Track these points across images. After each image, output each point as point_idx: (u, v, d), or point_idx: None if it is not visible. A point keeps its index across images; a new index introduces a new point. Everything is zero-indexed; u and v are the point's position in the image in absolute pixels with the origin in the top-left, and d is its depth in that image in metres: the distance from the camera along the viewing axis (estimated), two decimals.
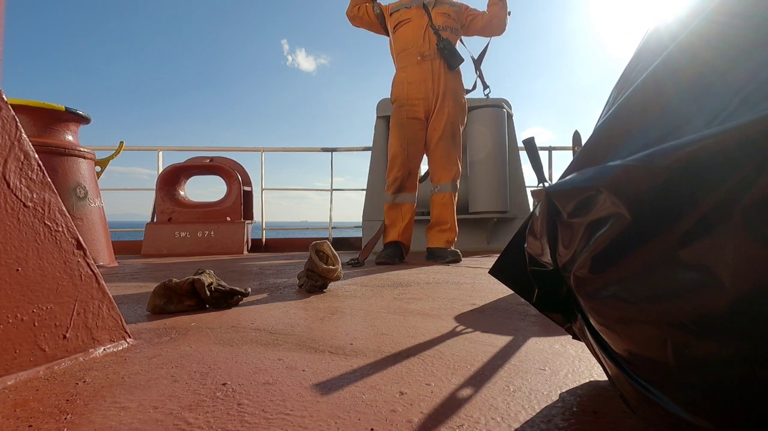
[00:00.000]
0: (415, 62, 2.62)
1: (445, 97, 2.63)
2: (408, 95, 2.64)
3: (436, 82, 2.62)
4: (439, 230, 2.70)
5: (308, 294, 1.46)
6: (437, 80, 2.62)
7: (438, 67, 2.61)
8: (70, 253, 0.78)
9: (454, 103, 2.65)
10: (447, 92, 2.63)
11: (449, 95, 2.64)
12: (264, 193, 4.61)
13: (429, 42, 2.60)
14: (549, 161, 4.66)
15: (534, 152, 0.56)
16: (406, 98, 2.64)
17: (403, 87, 2.65)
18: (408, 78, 2.64)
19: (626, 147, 0.36)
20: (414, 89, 2.63)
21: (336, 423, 0.51)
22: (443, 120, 2.62)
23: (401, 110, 2.66)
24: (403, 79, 2.66)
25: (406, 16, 2.67)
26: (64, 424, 0.51)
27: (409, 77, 2.64)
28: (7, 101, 0.72)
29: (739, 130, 0.24)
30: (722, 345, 0.26)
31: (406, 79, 2.65)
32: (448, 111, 2.63)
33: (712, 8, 0.33)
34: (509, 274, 0.64)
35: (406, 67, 2.66)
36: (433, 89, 2.62)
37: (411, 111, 2.64)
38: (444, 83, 2.62)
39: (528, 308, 1.19)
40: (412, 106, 2.64)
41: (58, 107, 2.46)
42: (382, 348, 0.82)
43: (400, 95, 2.67)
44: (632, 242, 0.31)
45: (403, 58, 2.67)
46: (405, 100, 2.65)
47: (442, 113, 2.63)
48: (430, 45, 2.59)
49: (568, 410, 0.54)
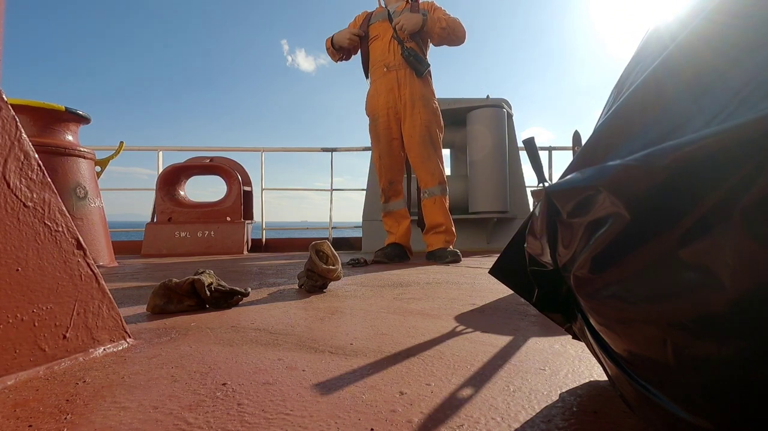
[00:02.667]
0: (382, 74, 2.68)
1: (415, 104, 2.65)
2: (377, 108, 2.71)
3: (403, 90, 2.64)
4: (434, 233, 2.72)
5: (308, 294, 1.46)
6: (404, 88, 2.64)
7: (404, 76, 2.64)
8: (70, 253, 0.78)
9: (424, 108, 2.65)
10: (416, 99, 2.65)
11: (419, 101, 2.64)
12: (264, 193, 4.61)
13: (394, 53, 2.64)
14: (549, 161, 4.66)
15: (534, 152, 0.56)
16: (375, 111, 2.72)
17: (373, 100, 2.73)
18: (377, 90, 2.71)
19: (626, 147, 0.36)
20: (382, 100, 2.68)
21: (336, 423, 0.51)
22: (417, 126, 2.64)
23: (375, 123, 2.73)
24: (372, 92, 2.74)
25: (374, 32, 2.72)
26: (64, 424, 0.51)
27: (378, 90, 2.70)
28: (7, 101, 0.72)
29: (738, 129, 0.23)
30: (722, 345, 0.26)
31: (375, 92, 2.72)
32: (420, 117, 2.64)
33: (711, 8, 0.33)
34: (509, 274, 0.64)
35: (375, 81, 2.73)
36: (401, 97, 2.65)
37: (382, 123, 2.70)
38: (410, 91, 2.64)
39: (528, 308, 1.19)
40: (381, 118, 2.70)
41: (58, 107, 2.46)
42: (382, 348, 0.82)
43: (372, 109, 2.75)
44: (632, 242, 0.31)
45: (372, 73, 2.75)
46: (375, 114, 2.72)
47: (414, 119, 2.65)
48: (395, 56, 2.63)
49: (568, 410, 0.54)
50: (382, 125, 2.70)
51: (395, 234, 2.74)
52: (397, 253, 2.66)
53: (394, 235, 2.74)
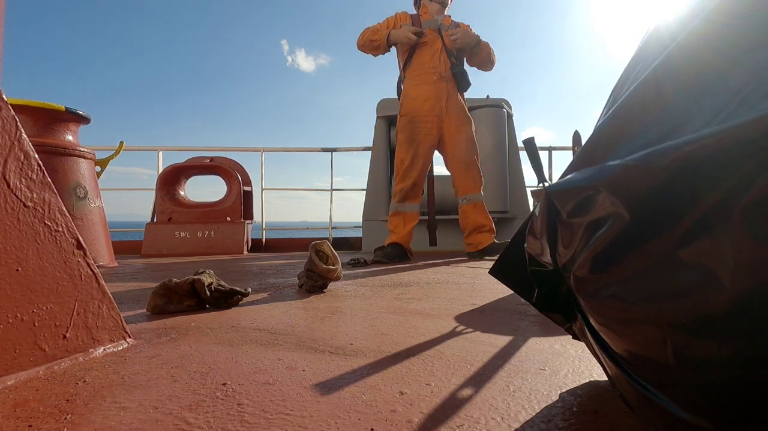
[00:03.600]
0: (431, 81, 2.79)
1: (459, 116, 2.83)
2: (423, 112, 2.80)
3: (450, 102, 2.81)
4: (479, 233, 2.89)
5: (308, 294, 1.46)
6: (451, 101, 2.81)
7: (452, 89, 2.82)
8: (70, 253, 0.78)
9: (467, 121, 2.86)
10: (460, 112, 2.84)
11: (462, 115, 2.85)
12: (264, 193, 4.61)
13: (444, 63, 2.79)
14: (549, 161, 4.66)
15: (534, 152, 0.56)
16: (420, 115, 2.80)
17: (417, 103, 2.81)
18: (423, 95, 2.80)
19: (626, 147, 0.36)
20: (429, 106, 2.79)
21: (336, 423, 0.51)
22: (463, 138, 2.82)
23: (413, 125, 2.81)
24: (417, 95, 2.81)
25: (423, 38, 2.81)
26: (64, 424, 0.51)
27: (426, 95, 2.79)
28: (7, 101, 0.72)
29: (738, 129, 0.23)
30: (722, 345, 0.26)
31: (421, 96, 2.80)
32: (465, 130, 2.83)
33: (711, 8, 0.33)
34: (509, 274, 0.64)
35: (420, 85, 2.81)
36: (447, 108, 2.80)
37: (424, 127, 2.80)
38: (456, 104, 2.82)
39: (528, 308, 1.19)
40: (425, 123, 2.80)
41: (58, 107, 2.46)
42: (382, 348, 0.82)
43: (413, 111, 2.82)
44: (632, 242, 0.31)
45: (417, 76, 2.82)
46: (418, 117, 2.80)
47: (460, 131, 2.83)
48: (445, 66, 2.79)
49: (568, 410, 0.54)
50: (424, 130, 2.81)
51: (398, 234, 2.78)
52: (397, 253, 2.70)
53: (397, 235, 2.78)
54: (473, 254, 2.90)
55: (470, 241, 2.93)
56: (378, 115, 4.02)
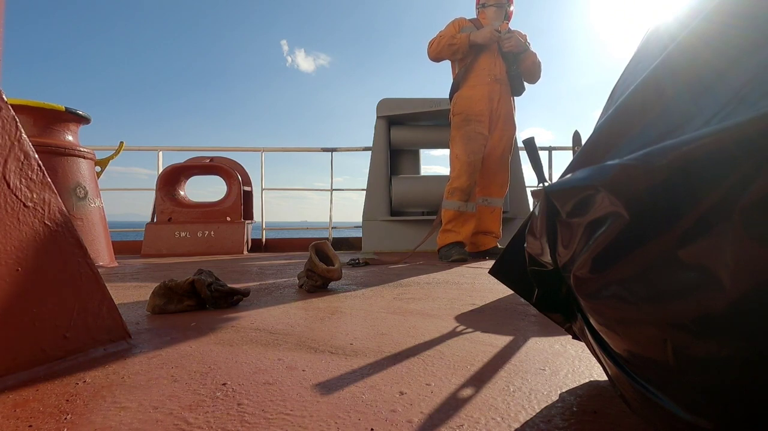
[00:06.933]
0: (486, 83, 2.87)
1: (506, 119, 2.89)
2: (476, 111, 2.88)
3: (501, 104, 2.89)
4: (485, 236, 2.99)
5: (308, 294, 1.46)
6: (502, 103, 2.89)
7: (505, 92, 2.90)
8: (70, 253, 0.78)
9: (512, 126, 2.93)
10: (508, 115, 2.91)
11: (509, 118, 2.91)
12: (264, 193, 4.60)
13: (499, 67, 2.87)
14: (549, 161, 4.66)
15: (534, 152, 0.56)
16: (473, 114, 2.88)
17: (472, 103, 2.89)
18: (477, 96, 2.88)
19: (626, 147, 0.36)
20: (483, 107, 2.87)
21: (336, 423, 0.51)
22: (504, 141, 2.90)
23: (468, 124, 2.89)
24: (472, 95, 2.90)
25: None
26: (64, 424, 0.51)
27: (478, 95, 2.88)
28: (7, 101, 0.72)
29: (737, 128, 0.23)
30: (722, 345, 0.26)
31: (476, 97, 2.88)
32: (508, 134, 2.92)
33: (711, 8, 0.33)
34: (509, 274, 0.64)
35: (476, 86, 2.89)
36: (497, 109, 2.88)
37: (478, 126, 2.88)
38: (506, 106, 2.90)
39: (528, 308, 1.19)
40: (479, 122, 2.88)
41: (58, 107, 2.46)
42: (382, 348, 0.82)
43: (467, 110, 2.90)
44: (631, 242, 0.31)
45: (474, 78, 2.91)
46: (473, 116, 2.88)
47: (503, 133, 2.90)
48: (500, 70, 2.87)
49: (568, 410, 0.54)
50: (479, 129, 2.89)
51: (460, 233, 2.83)
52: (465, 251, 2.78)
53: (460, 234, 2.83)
54: (473, 254, 2.94)
55: (473, 240, 2.99)
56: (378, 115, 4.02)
